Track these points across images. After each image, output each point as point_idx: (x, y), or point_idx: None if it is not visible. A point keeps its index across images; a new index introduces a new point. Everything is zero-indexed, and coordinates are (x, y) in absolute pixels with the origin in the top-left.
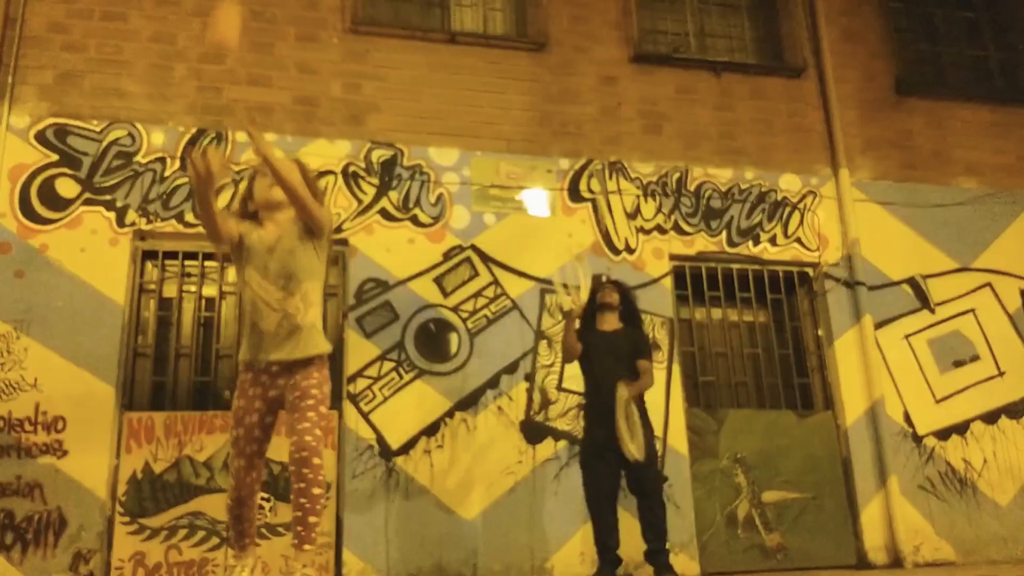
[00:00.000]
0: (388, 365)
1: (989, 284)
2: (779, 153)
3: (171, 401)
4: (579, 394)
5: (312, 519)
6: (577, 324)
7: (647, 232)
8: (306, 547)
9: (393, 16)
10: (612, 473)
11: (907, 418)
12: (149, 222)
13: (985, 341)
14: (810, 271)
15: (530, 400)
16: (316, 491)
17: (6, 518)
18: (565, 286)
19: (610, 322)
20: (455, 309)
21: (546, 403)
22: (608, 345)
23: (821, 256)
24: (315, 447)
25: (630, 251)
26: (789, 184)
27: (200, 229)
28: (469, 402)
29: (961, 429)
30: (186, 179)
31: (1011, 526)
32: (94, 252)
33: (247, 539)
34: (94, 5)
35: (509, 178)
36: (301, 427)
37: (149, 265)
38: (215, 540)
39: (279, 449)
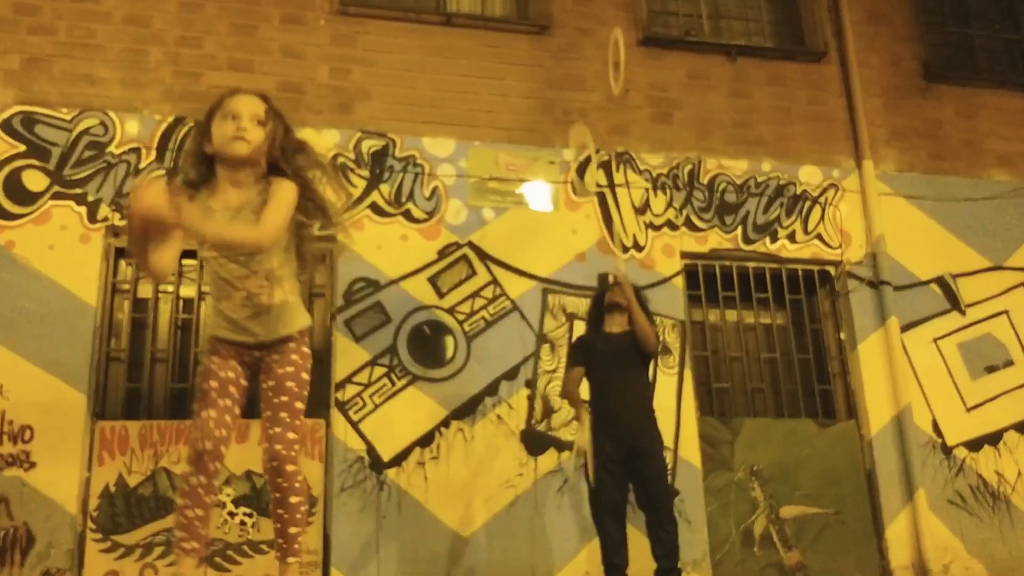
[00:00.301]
0: (379, 371)
1: (1023, 284)
2: (798, 143)
3: (146, 409)
4: (584, 402)
5: (292, 530)
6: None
7: (657, 228)
8: (290, 560)
9: None
10: (619, 486)
11: (936, 427)
12: (123, 217)
13: (1019, 345)
14: (832, 270)
15: (531, 408)
16: (294, 500)
17: None
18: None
19: (618, 323)
20: (451, 311)
21: (548, 411)
22: (614, 348)
23: (843, 254)
24: (286, 454)
25: (638, 248)
26: (809, 177)
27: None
28: (466, 410)
29: (994, 439)
30: (162, 171)
31: None
32: (64, 249)
33: (197, 541)
34: None
35: (509, 170)
36: (272, 432)
37: (123, 263)
38: None
39: (260, 460)
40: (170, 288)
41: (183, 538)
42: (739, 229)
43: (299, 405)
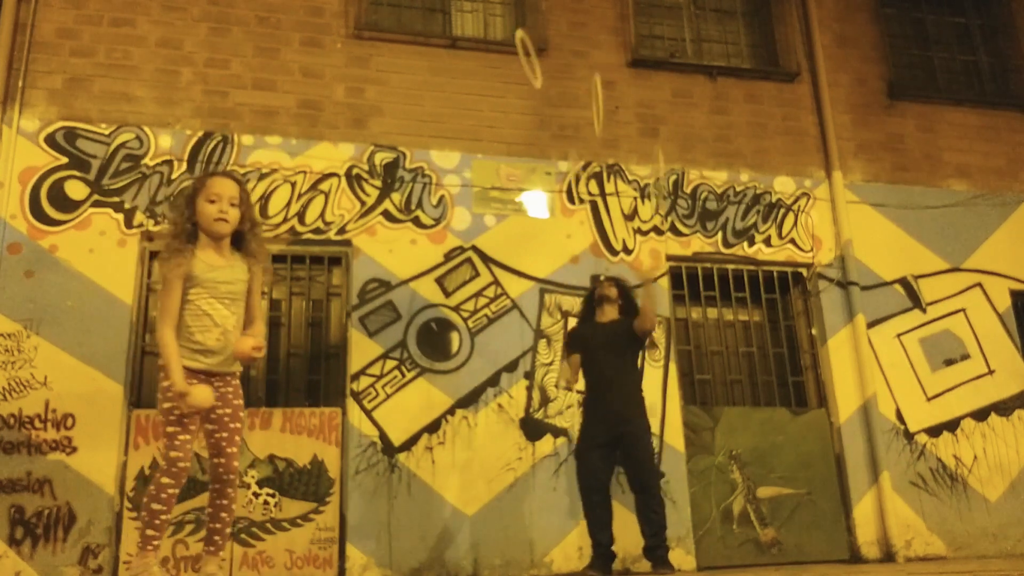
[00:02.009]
0: (391, 363)
1: (979, 284)
2: (773, 156)
3: None
4: (578, 391)
5: (228, 530)
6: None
7: (644, 233)
8: (221, 554)
9: (395, 22)
10: (606, 467)
11: (899, 415)
12: (157, 223)
13: (975, 340)
14: (804, 271)
15: (529, 398)
16: (234, 507)
17: (16, 513)
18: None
19: (608, 314)
20: (456, 309)
21: (545, 401)
22: (605, 336)
23: (815, 257)
24: (238, 470)
25: (627, 252)
26: (783, 186)
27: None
28: (470, 400)
29: (952, 426)
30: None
31: (1001, 521)
32: (102, 253)
33: (161, 539)
34: (103, 11)
35: (509, 180)
36: (231, 451)
37: (156, 265)
38: None
39: (282, 445)
40: None
41: (154, 537)
42: (719, 234)
43: (244, 431)
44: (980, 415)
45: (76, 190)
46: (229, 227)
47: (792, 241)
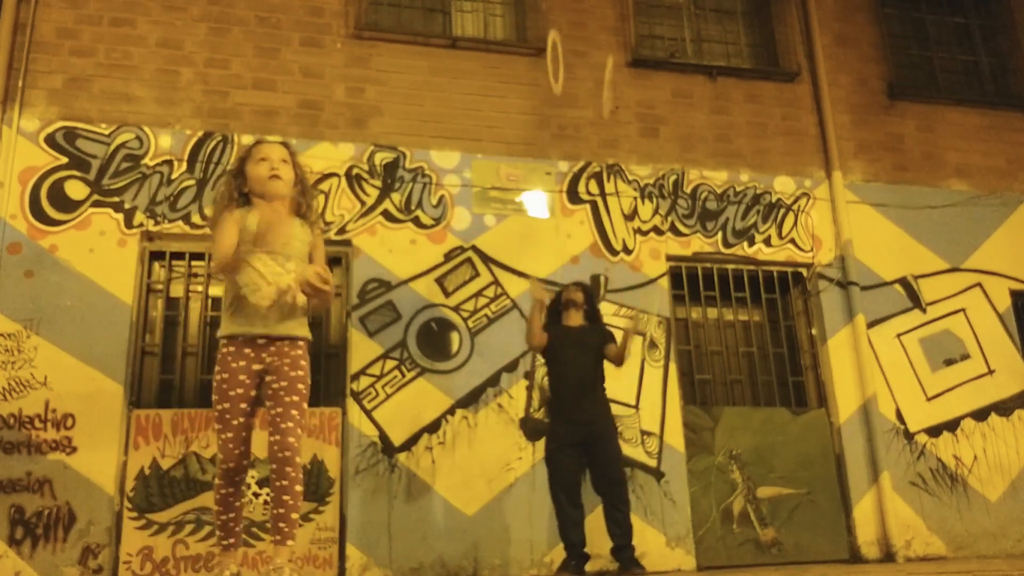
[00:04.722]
0: (391, 363)
1: (979, 284)
2: (773, 156)
3: (178, 398)
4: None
5: (295, 515)
6: (543, 319)
7: (644, 233)
8: (289, 543)
9: (396, 22)
10: (575, 468)
11: (899, 415)
12: (156, 223)
13: (975, 340)
14: (804, 271)
15: (529, 397)
16: (298, 488)
17: (16, 513)
18: None
19: (575, 319)
20: (456, 309)
21: (545, 400)
22: (573, 339)
23: (815, 257)
24: (297, 447)
25: (627, 252)
26: (783, 186)
27: (206, 230)
28: (470, 400)
29: (952, 426)
30: (192, 181)
31: (1001, 521)
32: (102, 253)
33: (233, 538)
34: (103, 11)
35: (509, 180)
36: (285, 426)
37: (156, 265)
38: None
39: None
40: (199, 288)
41: (222, 536)
42: (719, 234)
43: (305, 406)
44: (980, 415)
45: (76, 190)
46: (285, 185)
47: (792, 241)
